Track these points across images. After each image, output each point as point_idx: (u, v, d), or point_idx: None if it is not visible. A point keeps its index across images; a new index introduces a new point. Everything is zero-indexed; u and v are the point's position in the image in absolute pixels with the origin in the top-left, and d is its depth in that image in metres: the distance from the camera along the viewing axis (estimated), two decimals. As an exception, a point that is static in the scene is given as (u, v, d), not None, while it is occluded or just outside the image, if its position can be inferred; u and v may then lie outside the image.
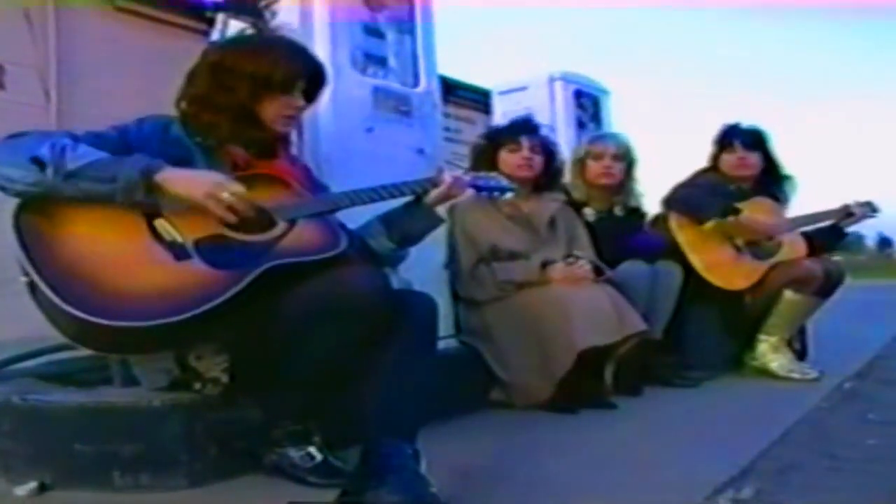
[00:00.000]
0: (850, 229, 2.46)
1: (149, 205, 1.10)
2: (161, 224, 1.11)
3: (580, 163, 2.34)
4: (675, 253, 2.27)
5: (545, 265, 1.94)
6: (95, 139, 1.16)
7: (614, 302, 1.88)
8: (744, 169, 2.40)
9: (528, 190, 2.08)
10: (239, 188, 1.11)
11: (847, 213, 2.39)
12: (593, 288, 1.90)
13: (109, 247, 1.07)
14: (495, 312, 1.92)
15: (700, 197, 2.33)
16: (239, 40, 1.57)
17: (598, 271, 1.98)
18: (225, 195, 1.09)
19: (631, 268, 2.09)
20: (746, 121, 2.48)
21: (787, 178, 2.48)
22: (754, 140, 2.42)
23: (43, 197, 1.06)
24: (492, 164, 1.99)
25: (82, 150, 1.07)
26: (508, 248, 1.99)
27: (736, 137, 2.41)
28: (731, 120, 2.48)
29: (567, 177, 2.33)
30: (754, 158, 2.40)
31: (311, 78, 1.31)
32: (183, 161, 1.20)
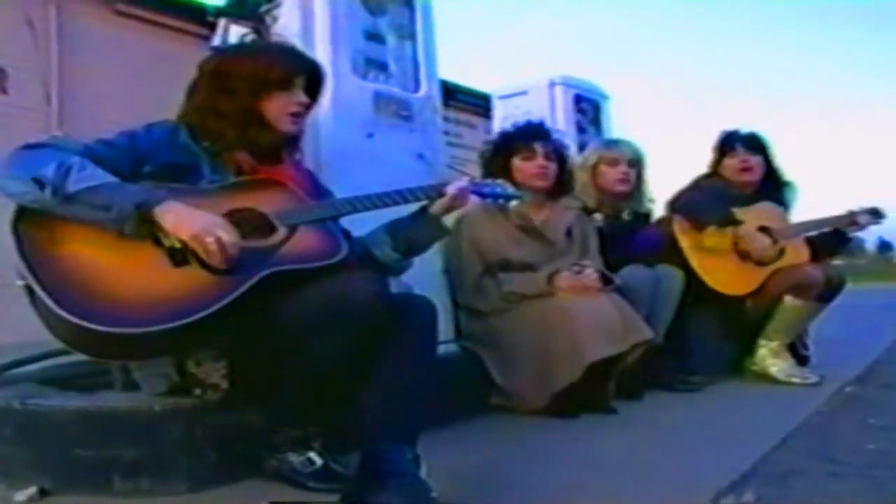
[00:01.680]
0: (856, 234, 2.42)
1: (136, 235, 1.07)
2: (160, 229, 1.11)
3: (592, 168, 2.31)
4: (677, 257, 2.27)
5: (552, 276, 1.90)
6: (106, 148, 1.16)
7: (621, 310, 1.85)
8: (747, 173, 2.38)
9: (543, 198, 2.04)
10: (228, 237, 1.07)
11: (851, 221, 2.35)
12: (600, 298, 1.87)
13: (107, 252, 1.07)
14: (499, 320, 1.89)
15: (702, 202, 2.32)
16: (232, 47, 1.59)
17: (605, 279, 1.94)
18: (209, 240, 1.05)
19: (633, 272, 2.09)
20: (746, 127, 2.48)
21: (787, 184, 2.47)
22: (756, 144, 2.41)
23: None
24: (504, 173, 1.92)
25: (88, 172, 1.06)
26: (520, 260, 1.94)
27: (738, 141, 2.41)
28: (731, 127, 2.48)
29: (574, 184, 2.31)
30: (757, 161, 2.39)
31: (309, 75, 1.32)
32: (191, 167, 1.21)
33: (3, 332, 2.30)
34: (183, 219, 1.07)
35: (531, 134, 2.04)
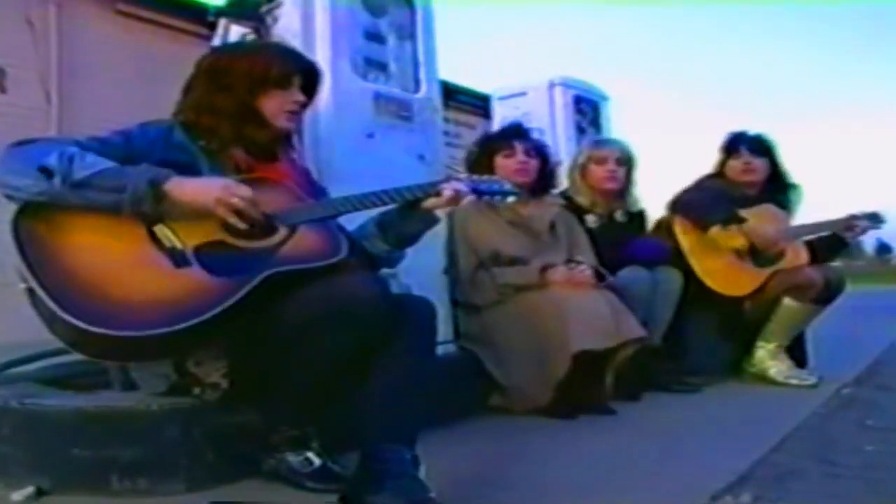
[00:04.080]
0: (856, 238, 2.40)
1: (153, 214, 1.09)
2: (161, 230, 1.11)
3: (582, 168, 2.33)
4: (677, 258, 2.28)
5: (545, 269, 1.94)
6: (101, 146, 1.16)
7: (613, 307, 1.87)
8: (750, 174, 2.40)
9: (526, 194, 2.08)
10: (247, 191, 1.12)
11: (849, 226, 2.34)
12: (593, 293, 1.90)
13: (108, 253, 1.07)
14: (494, 316, 1.92)
15: (705, 202, 2.33)
16: (230, 46, 1.61)
17: (599, 276, 1.97)
18: (234, 200, 1.10)
19: (631, 273, 2.10)
20: (753, 129, 2.49)
21: (793, 186, 2.47)
22: (761, 147, 2.42)
23: (46, 204, 1.06)
24: (488, 171, 1.96)
25: (90, 159, 1.07)
26: (510, 253, 1.98)
27: (742, 144, 2.42)
28: (738, 127, 2.49)
29: (565, 182, 2.34)
30: (760, 164, 2.40)
31: (306, 74, 1.33)
32: (187, 166, 1.21)
33: (2, 332, 2.30)
34: (198, 188, 1.10)
35: (511, 133, 2.13)
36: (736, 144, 2.43)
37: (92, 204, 1.05)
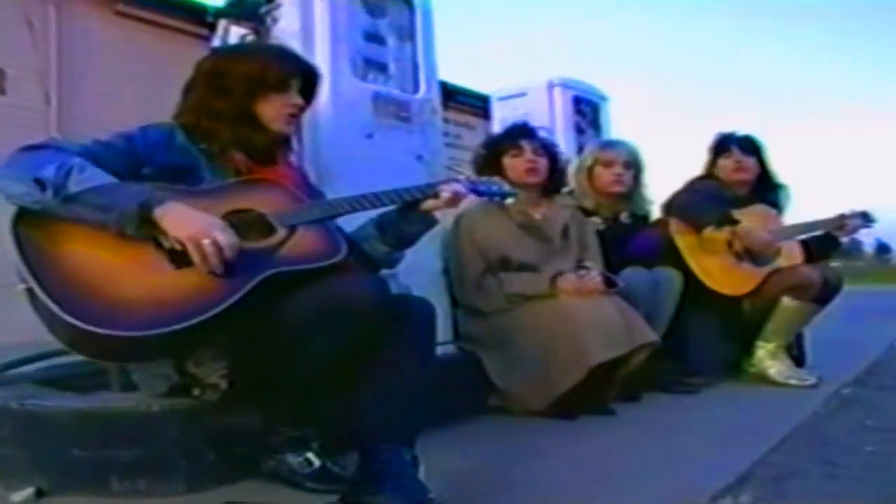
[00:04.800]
0: (847, 237, 2.44)
1: (136, 236, 1.06)
2: (161, 231, 1.11)
3: (588, 170, 2.33)
4: (676, 258, 2.28)
5: (555, 277, 1.90)
6: (104, 150, 1.16)
7: (623, 313, 1.85)
8: (741, 173, 2.41)
9: (537, 195, 2.06)
10: (224, 239, 1.06)
11: (840, 225, 2.37)
12: (602, 300, 1.87)
13: (108, 254, 1.07)
14: (501, 321, 1.89)
15: (699, 204, 2.34)
16: (230, 48, 1.61)
17: (608, 282, 1.94)
18: (205, 242, 1.04)
19: (632, 274, 2.09)
20: (742, 130, 2.51)
21: (781, 187, 2.50)
22: (750, 147, 2.44)
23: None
24: (496, 172, 1.92)
25: (89, 173, 1.06)
26: (520, 259, 1.95)
27: (732, 143, 2.44)
28: (727, 129, 2.51)
29: (572, 184, 2.32)
30: (751, 163, 2.42)
31: (304, 77, 1.33)
32: (189, 169, 1.21)
33: (3, 332, 2.30)
34: (181, 220, 1.07)
35: (518, 133, 2.08)
36: (726, 144, 2.45)
37: (79, 219, 1.05)
